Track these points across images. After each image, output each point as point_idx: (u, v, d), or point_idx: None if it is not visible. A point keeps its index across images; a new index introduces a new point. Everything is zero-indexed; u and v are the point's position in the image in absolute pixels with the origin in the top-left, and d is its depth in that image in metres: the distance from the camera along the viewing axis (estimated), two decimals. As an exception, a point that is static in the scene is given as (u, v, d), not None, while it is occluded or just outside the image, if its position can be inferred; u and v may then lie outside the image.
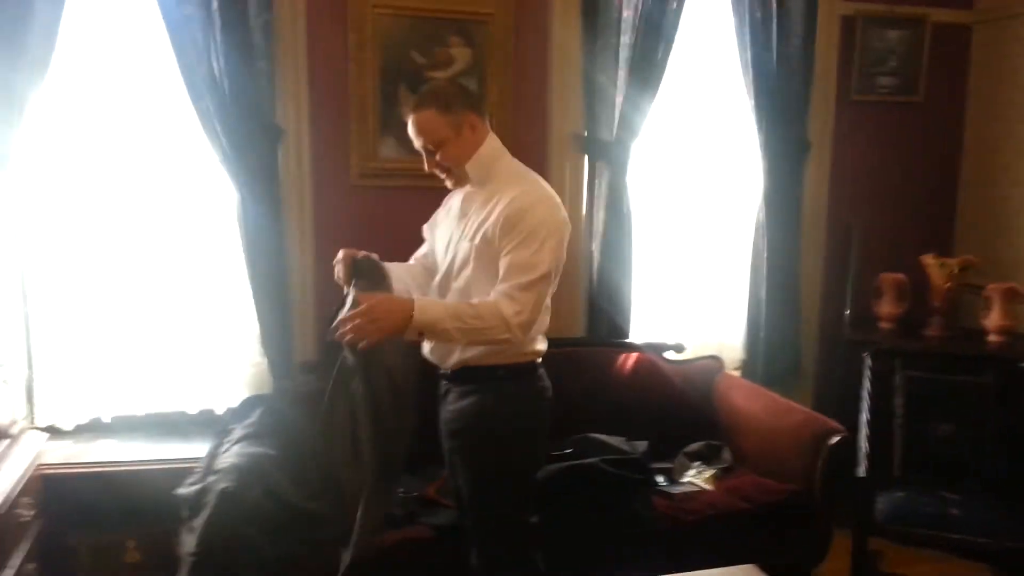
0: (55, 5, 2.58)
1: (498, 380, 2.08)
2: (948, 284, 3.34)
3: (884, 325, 3.51)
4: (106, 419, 2.98)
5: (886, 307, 3.51)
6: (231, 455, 2.48)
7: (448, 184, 2.19)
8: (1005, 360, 3.04)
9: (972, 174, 3.74)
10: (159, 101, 2.89)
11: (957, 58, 3.69)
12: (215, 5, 2.73)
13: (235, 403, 2.92)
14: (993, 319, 3.25)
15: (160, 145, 2.92)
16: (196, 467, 2.50)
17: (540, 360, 2.18)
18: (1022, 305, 3.31)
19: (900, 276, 3.47)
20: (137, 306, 2.97)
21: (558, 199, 2.08)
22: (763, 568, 1.97)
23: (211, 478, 2.35)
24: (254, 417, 2.71)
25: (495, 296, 1.98)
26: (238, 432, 2.63)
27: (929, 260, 3.40)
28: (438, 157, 2.09)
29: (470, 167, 2.09)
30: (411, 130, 2.09)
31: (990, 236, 3.64)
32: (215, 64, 2.76)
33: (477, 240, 2.04)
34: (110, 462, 2.80)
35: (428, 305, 1.98)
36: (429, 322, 1.94)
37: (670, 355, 3.37)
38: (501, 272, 2.00)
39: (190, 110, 2.78)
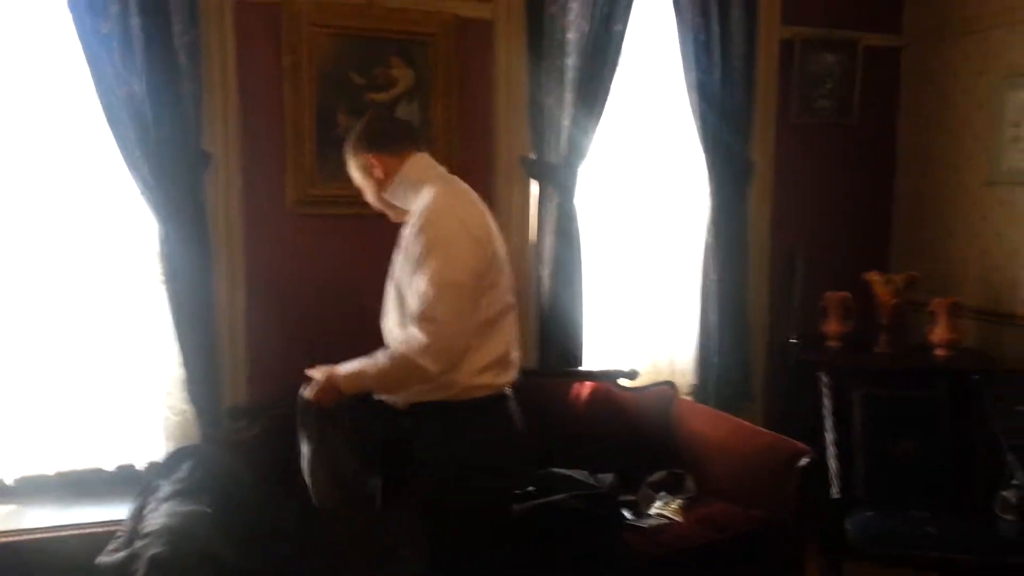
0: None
1: (447, 415, 1.97)
2: (894, 300, 3.37)
3: (831, 344, 3.51)
4: (8, 481, 2.66)
5: (832, 326, 3.51)
6: (160, 515, 2.20)
7: (391, 218, 2.14)
8: (955, 373, 3.07)
9: (905, 192, 3.83)
10: (72, 126, 2.63)
11: (888, 80, 3.78)
12: (135, 22, 2.52)
13: (159, 457, 2.66)
14: (939, 333, 3.29)
15: (72, 174, 2.66)
16: (119, 531, 2.22)
17: (497, 395, 2.03)
18: (965, 319, 3.37)
19: (844, 294, 3.49)
20: (44, 352, 2.67)
21: (465, 205, 2.01)
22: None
23: (139, 543, 2.08)
24: (183, 471, 2.43)
25: (402, 336, 1.92)
26: (166, 488, 2.35)
27: (875, 277, 3.42)
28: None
29: (390, 196, 2.09)
30: None
31: (924, 252, 3.71)
32: (135, 86, 2.54)
33: (396, 275, 2.01)
34: (13, 531, 2.49)
35: (353, 376, 1.99)
36: (360, 391, 2.00)
37: (624, 382, 3.28)
38: None
39: (108, 136, 2.54)
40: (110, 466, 2.76)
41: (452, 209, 1.96)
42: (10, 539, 2.45)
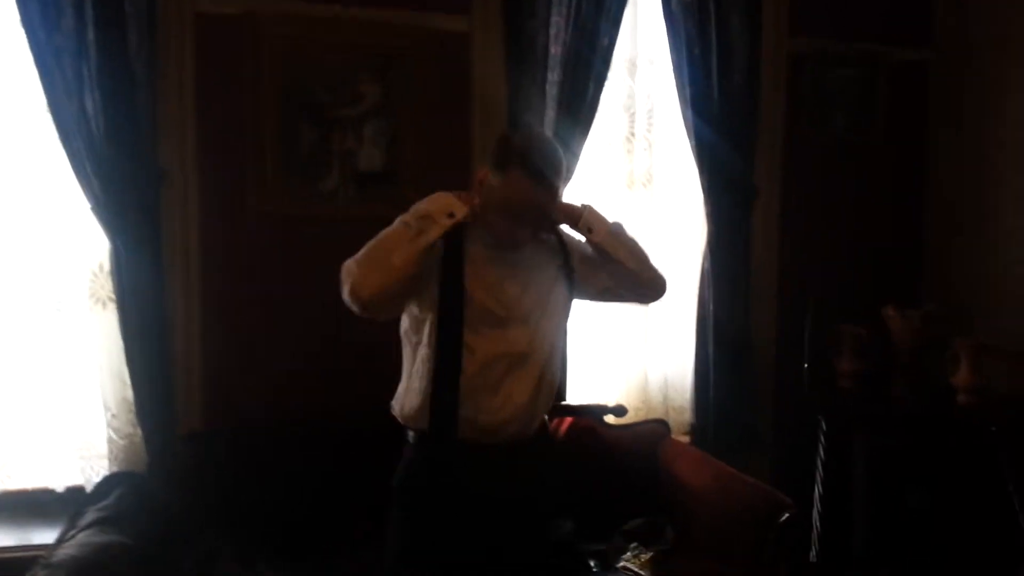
0: None
1: None
2: (911, 338, 3.04)
3: (844, 383, 3.18)
4: (-44, 500, 2.62)
5: (846, 363, 3.19)
6: (72, 545, 2.11)
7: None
8: (974, 423, 2.73)
9: (937, 219, 3.50)
10: (22, 141, 2.61)
11: (915, 97, 3.48)
12: (91, 35, 2.47)
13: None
14: (962, 377, 2.93)
15: (20, 190, 2.63)
16: (41, 557, 2.13)
17: (417, 431, 2.00)
18: (993, 361, 3.01)
19: (859, 329, 3.17)
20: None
21: None
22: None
23: (41, 573, 1.98)
24: (111, 499, 2.34)
25: None
26: (89, 516, 2.26)
27: (890, 312, 3.10)
28: None
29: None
30: None
31: (958, 285, 3.37)
32: (88, 100, 2.49)
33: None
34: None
35: None
36: None
37: (610, 419, 3.05)
38: None
39: (59, 151, 2.50)
40: (59, 486, 2.69)
41: None
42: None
